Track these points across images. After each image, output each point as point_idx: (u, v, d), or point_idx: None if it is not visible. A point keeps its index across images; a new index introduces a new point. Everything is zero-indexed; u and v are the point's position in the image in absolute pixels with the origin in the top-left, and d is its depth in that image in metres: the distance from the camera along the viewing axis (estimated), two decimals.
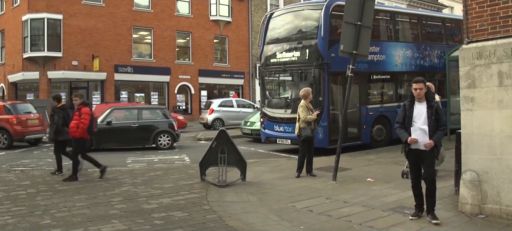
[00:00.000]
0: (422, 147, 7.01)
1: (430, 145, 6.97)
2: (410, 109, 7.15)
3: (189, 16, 37.77)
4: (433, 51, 18.72)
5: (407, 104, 7.22)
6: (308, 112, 11.23)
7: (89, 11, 32.99)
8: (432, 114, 6.98)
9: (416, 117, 7.08)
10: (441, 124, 7.07)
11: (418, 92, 7.07)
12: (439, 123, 7.04)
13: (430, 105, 7.05)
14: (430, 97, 7.14)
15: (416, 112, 7.10)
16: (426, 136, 6.95)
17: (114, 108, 19.79)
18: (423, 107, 7.08)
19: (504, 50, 7.21)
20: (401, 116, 7.26)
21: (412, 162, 7.34)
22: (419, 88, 7.06)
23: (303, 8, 16.75)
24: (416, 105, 7.14)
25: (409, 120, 7.12)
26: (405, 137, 7.11)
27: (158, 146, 18.59)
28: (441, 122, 7.07)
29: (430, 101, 7.09)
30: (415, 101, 7.16)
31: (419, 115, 7.06)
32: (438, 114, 7.03)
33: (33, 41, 32.12)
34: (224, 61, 40.05)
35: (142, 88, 36.37)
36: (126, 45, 34.71)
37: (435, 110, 6.99)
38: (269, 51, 16.92)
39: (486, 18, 7.54)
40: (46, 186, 10.62)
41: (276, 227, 7.18)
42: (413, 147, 7.12)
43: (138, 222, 7.45)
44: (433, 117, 6.98)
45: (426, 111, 7.03)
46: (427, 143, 6.95)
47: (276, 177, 11.40)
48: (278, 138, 16.18)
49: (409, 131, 7.08)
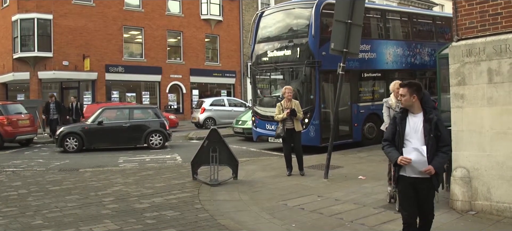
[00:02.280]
0: (418, 174, 5.18)
1: (430, 172, 5.10)
2: (402, 123, 5.30)
3: (180, 15, 37.69)
4: (424, 49, 18.82)
5: (398, 116, 5.39)
6: (280, 112, 11.35)
7: (79, 11, 32.82)
8: (430, 130, 5.16)
9: (410, 133, 5.26)
10: (444, 143, 5.23)
11: (399, 99, 5.48)
12: (440, 142, 5.20)
13: (428, 118, 5.20)
14: (428, 106, 5.30)
15: (409, 127, 5.27)
16: (424, 159, 5.11)
17: (105, 108, 19.72)
18: (418, 121, 5.25)
19: (494, 48, 7.26)
20: (390, 131, 5.44)
21: (405, 194, 5.38)
22: (402, 93, 5.32)
23: (294, 7, 16.78)
24: (409, 118, 5.31)
25: (400, 138, 5.28)
26: (394, 156, 5.26)
27: (150, 146, 18.55)
28: (444, 140, 5.23)
29: (428, 113, 5.24)
30: (409, 113, 5.33)
31: (413, 131, 5.25)
32: (439, 131, 5.19)
33: (23, 42, 31.90)
34: (215, 60, 40.01)
35: (133, 88, 36.24)
36: (117, 45, 34.58)
37: (434, 125, 5.16)
38: (260, 50, 16.95)
39: (476, 15, 7.59)
40: (37, 186, 10.57)
41: (268, 225, 7.19)
42: (406, 173, 5.27)
43: (130, 221, 7.44)
44: (431, 134, 5.16)
45: (422, 126, 5.21)
46: (426, 168, 5.09)
47: (268, 175, 11.42)
48: (270, 137, 16.20)
49: (401, 152, 5.28)
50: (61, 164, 14.83)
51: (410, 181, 5.26)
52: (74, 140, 17.95)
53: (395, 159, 5.26)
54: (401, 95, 5.32)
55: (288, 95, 11.41)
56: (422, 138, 5.19)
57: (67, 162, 15.12)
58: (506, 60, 7.12)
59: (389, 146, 5.42)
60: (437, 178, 5.30)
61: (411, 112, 5.32)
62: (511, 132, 7.08)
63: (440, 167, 5.33)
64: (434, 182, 5.25)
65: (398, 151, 5.28)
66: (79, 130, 18.26)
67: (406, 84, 5.31)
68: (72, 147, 17.86)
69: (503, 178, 7.16)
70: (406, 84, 5.31)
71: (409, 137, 5.25)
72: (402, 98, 5.30)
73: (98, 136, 18.29)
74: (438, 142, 5.19)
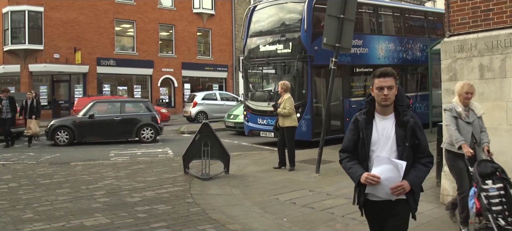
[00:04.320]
0: (391, 196, 3.80)
1: (402, 189, 3.75)
2: (367, 128, 3.95)
3: (172, 8, 37.57)
4: (416, 44, 18.88)
5: (361, 120, 3.99)
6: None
7: (70, 4, 32.61)
8: (406, 137, 3.85)
9: (378, 142, 3.91)
10: (423, 153, 3.94)
11: (386, 94, 3.84)
12: (418, 152, 3.92)
13: (401, 121, 3.87)
14: (401, 105, 3.95)
15: (377, 134, 3.92)
16: (397, 175, 3.73)
17: (97, 102, 19.65)
18: (389, 125, 3.91)
19: (485, 44, 7.29)
20: (350, 139, 4.05)
21: (372, 221, 4.09)
22: (388, 86, 3.83)
23: (287, 1, 16.74)
24: (377, 122, 3.95)
25: (365, 148, 3.93)
26: (357, 174, 3.86)
27: (141, 139, 18.50)
28: (423, 150, 3.94)
29: (401, 113, 3.90)
30: (376, 113, 3.97)
31: (383, 138, 3.90)
32: (417, 138, 3.89)
33: (13, 34, 31.71)
34: (207, 54, 39.93)
35: (125, 82, 36.12)
36: (109, 38, 34.43)
37: (410, 130, 3.86)
38: (253, 44, 16.93)
39: (468, 11, 7.62)
40: (28, 180, 10.52)
41: (260, 219, 7.19)
42: (372, 197, 3.91)
43: (121, 215, 7.42)
44: (407, 142, 3.85)
45: (394, 131, 3.88)
46: (397, 184, 3.72)
47: (260, 169, 11.43)
48: (262, 131, 16.21)
49: (366, 166, 3.91)
50: (51, 157, 14.76)
51: (380, 206, 3.92)
52: (65, 133, 17.86)
53: (358, 177, 3.83)
54: (388, 89, 3.82)
55: (280, 89, 11.49)
56: (394, 147, 3.86)
57: (58, 156, 15.05)
58: (497, 56, 7.16)
59: (349, 160, 4.01)
60: (414, 198, 3.91)
61: (380, 113, 3.95)
62: (502, 127, 7.12)
63: (418, 184, 3.91)
64: (411, 204, 3.90)
65: (362, 166, 3.92)
66: (70, 123, 18.18)
67: (390, 73, 3.87)
68: (63, 140, 17.78)
69: None
70: (390, 73, 3.87)
71: (377, 147, 3.90)
72: (389, 93, 3.82)
73: (89, 129, 18.22)
74: (416, 152, 3.90)
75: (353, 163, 3.97)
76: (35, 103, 18.04)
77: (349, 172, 3.96)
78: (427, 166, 3.96)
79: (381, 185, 3.76)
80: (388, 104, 3.86)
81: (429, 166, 3.98)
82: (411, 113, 3.95)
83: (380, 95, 3.85)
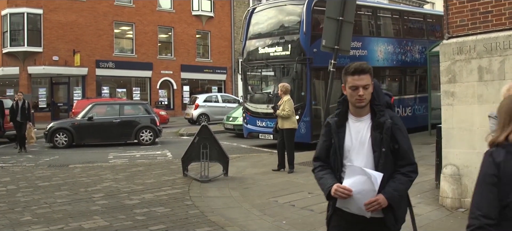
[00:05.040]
0: (363, 212, 3.22)
1: (377, 205, 3.17)
2: (340, 132, 3.42)
3: (171, 11, 37.56)
4: (415, 46, 18.88)
5: (333, 123, 3.47)
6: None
7: (69, 6, 32.61)
8: (382, 141, 3.28)
9: (352, 147, 3.37)
10: (405, 160, 3.35)
11: (361, 95, 3.27)
12: (399, 159, 3.34)
13: (377, 123, 3.32)
14: (378, 104, 3.38)
15: (350, 138, 3.39)
16: (371, 188, 3.16)
17: (96, 104, 19.66)
18: (364, 128, 3.37)
19: (484, 46, 7.29)
20: (322, 146, 3.58)
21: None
22: (364, 85, 3.27)
23: (286, 3, 16.74)
24: (350, 124, 3.42)
25: (338, 155, 3.42)
26: (327, 185, 3.37)
27: (140, 142, 18.49)
28: (405, 156, 3.35)
29: (378, 114, 3.35)
30: (350, 115, 3.44)
31: (357, 143, 3.36)
32: (396, 142, 3.32)
33: (12, 36, 31.70)
34: (206, 57, 39.91)
35: (124, 84, 36.12)
36: (108, 40, 34.42)
37: (387, 132, 3.29)
38: (252, 47, 16.93)
39: (466, 13, 7.62)
40: (26, 182, 10.51)
41: (259, 222, 7.18)
42: (344, 207, 3.34)
43: (119, 218, 7.41)
44: (383, 148, 3.28)
45: (370, 135, 3.33)
46: (372, 199, 3.16)
47: (259, 172, 11.42)
48: (261, 133, 16.20)
49: (339, 176, 3.40)
50: (50, 159, 14.74)
51: (352, 221, 3.33)
52: (64, 135, 17.85)
53: (328, 188, 3.31)
54: (363, 89, 3.26)
55: (279, 91, 11.52)
56: (370, 153, 3.30)
57: (57, 158, 15.03)
58: (496, 58, 7.15)
59: (321, 169, 3.53)
60: (395, 215, 3.29)
61: (354, 114, 3.40)
62: None
63: (397, 198, 3.26)
64: (389, 222, 3.27)
65: (335, 176, 3.41)
66: (69, 126, 18.17)
67: (367, 70, 3.28)
68: (61, 142, 17.76)
69: None
70: (367, 70, 3.28)
71: (351, 154, 3.36)
72: (364, 93, 3.26)
73: (88, 132, 18.21)
74: (396, 159, 3.32)
75: (325, 172, 3.49)
76: (26, 105, 16.81)
77: (320, 183, 3.50)
78: (408, 176, 3.32)
79: (354, 199, 3.20)
80: (363, 106, 3.33)
81: (412, 176, 3.35)
82: (389, 113, 3.39)
83: (354, 96, 3.29)
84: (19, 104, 16.62)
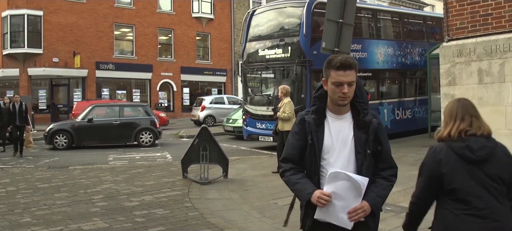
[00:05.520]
0: (344, 223, 2.98)
1: (362, 212, 2.98)
2: (318, 131, 3.12)
3: (171, 13, 37.56)
4: (415, 49, 18.87)
5: (311, 120, 3.15)
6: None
7: (70, 8, 32.63)
8: (367, 142, 3.08)
9: (332, 148, 3.10)
10: (386, 163, 3.17)
11: (345, 92, 3.02)
12: (380, 161, 3.15)
13: (362, 122, 3.10)
14: (361, 101, 3.16)
15: (330, 138, 3.11)
16: (356, 195, 2.96)
17: (95, 106, 19.65)
18: (346, 127, 3.13)
19: (484, 48, 7.29)
20: (295, 145, 3.21)
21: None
22: (349, 81, 3.03)
23: (286, 6, 16.75)
24: (330, 123, 3.14)
25: (315, 157, 3.10)
26: (306, 192, 3.05)
27: (140, 143, 18.48)
28: (385, 159, 3.16)
29: (362, 112, 3.13)
30: (328, 112, 3.16)
31: (338, 144, 3.10)
32: (380, 142, 3.13)
33: (13, 38, 31.71)
34: (206, 59, 39.92)
35: (124, 86, 36.10)
36: (108, 42, 34.43)
37: (373, 133, 3.10)
38: (252, 49, 16.93)
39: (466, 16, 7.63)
40: (26, 184, 10.50)
41: (258, 224, 7.17)
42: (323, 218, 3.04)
43: (119, 219, 7.41)
44: (369, 149, 3.08)
45: (352, 136, 3.10)
46: (354, 209, 2.96)
47: (258, 174, 11.41)
48: (260, 135, 16.19)
49: (317, 181, 3.10)
50: (50, 161, 14.74)
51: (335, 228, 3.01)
52: (64, 137, 17.84)
53: (308, 195, 2.99)
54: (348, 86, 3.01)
55: (280, 94, 11.52)
56: (353, 155, 3.03)
57: (57, 159, 15.02)
58: (496, 61, 7.16)
59: (295, 172, 3.13)
60: (375, 222, 3.11)
61: (333, 112, 3.12)
62: (501, 132, 7.11)
63: (380, 204, 3.09)
64: (371, 229, 3.09)
65: (311, 181, 3.06)
66: (68, 127, 18.16)
67: (353, 65, 3.03)
68: (61, 144, 17.75)
69: None
70: (353, 65, 3.03)
71: (330, 155, 3.05)
72: (349, 90, 3.00)
73: (88, 133, 18.19)
74: (377, 162, 3.11)
75: (300, 176, 3.12)
76: (24, 108, 15.94)
77: (295, 189, 3.10)
78: (390, 180, 3.14)
79: (335, 208, 2.93)
80: (346, 104, 3.07)
81: (393, 181, 3.16)
82: (372, 112, 3.16)
83: (337, 93, 2.99)
84: (16, 107, 15.77)
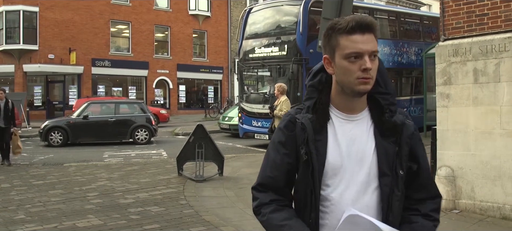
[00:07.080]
0: None
1: None
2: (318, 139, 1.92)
3: (167, 10, 37.50)
4: (411, 48, 18.91)
5: (306, 123, 1.94)
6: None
7: (66, 4, 32.51)
8: (398, 158, 1.90)
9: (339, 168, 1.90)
10: (425, 189, 2.01)
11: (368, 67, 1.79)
12: (417, 185, 2.00)
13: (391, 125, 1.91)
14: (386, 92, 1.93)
15: (338, 150, 1.91)
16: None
17: (91, 103, 19.60)
18: (362, 133, 1.92)
19: (480, 48, 7.29)
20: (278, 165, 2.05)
21: None
22: (372, 50, 1.81)
23: (282, 4, 16.75)
24: (335, 126, 1.94)
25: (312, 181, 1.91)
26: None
27: (136, 141, 18.45)
28: (425, 182, 2.01)
29: (388, 109, 1.91)
30: (332, 110, 1.98)
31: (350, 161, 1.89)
32: (417, 158, 1.97)
33: (8, 34, 31.60)
34: (202, 56, 39.87)
35: (119, 83, 36.02)
36: (104, 38, 34.34)
37: (406, 143, 1.92)
38: (248, 46, 16.93)
39: (462, 16, 7.63)
40: (20, 180, 10.48)
41: (253, 222, 7.16)
42: None
43: (114, 217, 7.39)
44: (402, 170, 1.90)
45: (374, 147, 1.89)
46: None
47: (254, 172, 11.37)
48: (256, 133, 16.20)
49: (314, 220, 1.93)
50: (45, 158, 14.71)
51: None
52: (59, 134, 17.80)
53: None
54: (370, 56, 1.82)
55: (276, 92, 11.50)
56: (375, 181, 1.91)
57: (52, 156, 14.99)
58: (491, 60, 7.16)
59: (278, 208, 2.05)
60: None
61: (341, 109, 1.97)
62: (495, 132, 7.12)
63: None
64: None
65: (304, 223, 1.95)
66: (64, 124, 18.12)
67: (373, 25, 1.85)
68: (56, 141, 17.71)
69: (487, 177, 7.20)
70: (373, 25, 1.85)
71: (337, 180, 1.93)
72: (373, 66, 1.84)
73: (83, 130, 18.16)
74: (411, 187, 2.00)
75: (287, 215, 1.98)
76: (10, 106, 13.28)
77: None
78: (433, 218, 2.03)
79: None
80: (368, 90, 1.88)
81: (437, 219, 2.06)
82: (401, 111, 2.00)
83: (355, 72, 1.83)
84: (1, 106, 13.08)
